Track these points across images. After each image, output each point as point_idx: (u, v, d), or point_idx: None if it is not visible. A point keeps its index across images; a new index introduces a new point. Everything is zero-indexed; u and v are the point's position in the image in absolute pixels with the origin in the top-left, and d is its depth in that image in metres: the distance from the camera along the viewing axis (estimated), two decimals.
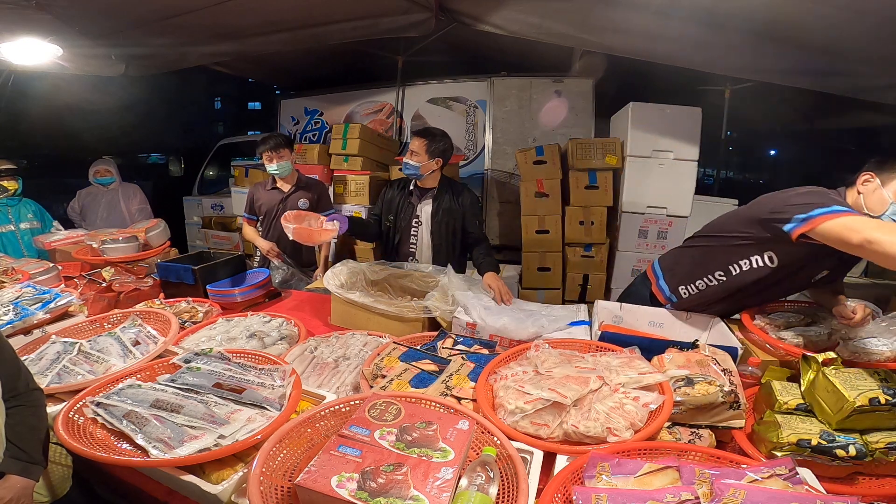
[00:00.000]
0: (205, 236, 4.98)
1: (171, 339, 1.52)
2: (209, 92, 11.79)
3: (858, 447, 1.00)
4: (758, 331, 1.52)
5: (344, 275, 1.97)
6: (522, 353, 1.35)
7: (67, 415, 1.10)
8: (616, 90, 4.21)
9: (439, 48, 4.11)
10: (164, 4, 2.63)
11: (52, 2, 2.42)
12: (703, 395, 1.10)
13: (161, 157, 8.80)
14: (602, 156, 3.39)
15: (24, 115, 5.19)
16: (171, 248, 2.68)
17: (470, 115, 4.46)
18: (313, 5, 2.76)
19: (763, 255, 1.52)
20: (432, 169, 2.23)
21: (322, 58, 4.37)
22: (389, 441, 0.91)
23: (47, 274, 2.15)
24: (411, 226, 2.34)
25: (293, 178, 2.81)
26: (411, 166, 2.20)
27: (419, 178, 2.25)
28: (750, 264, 1.54)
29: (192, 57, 3.33)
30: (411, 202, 2.33)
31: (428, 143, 2.18)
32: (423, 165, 2.19)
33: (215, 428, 1.04)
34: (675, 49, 2.41)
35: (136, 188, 3.72)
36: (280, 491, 0.86)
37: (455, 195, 2.29)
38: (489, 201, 4.38)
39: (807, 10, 1.90)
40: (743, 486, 0.82)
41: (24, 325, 1.58)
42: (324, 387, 1.34)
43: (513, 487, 0.88)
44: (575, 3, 2.32)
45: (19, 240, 2.95)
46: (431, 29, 2.81)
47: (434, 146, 2.19)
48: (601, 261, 3.58)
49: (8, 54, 2.69)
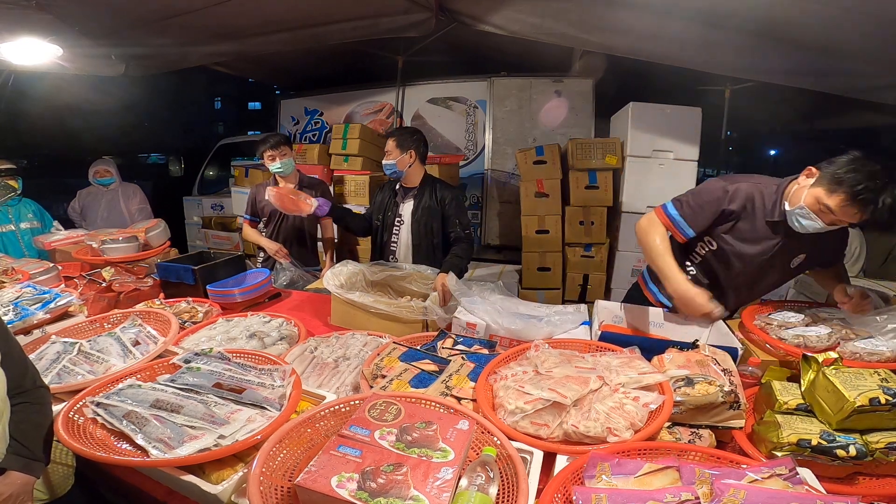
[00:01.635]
0: (205, 236, 4.99)
1: (171, 340, 1.52)
2: (209, 92, 11.81)
3: (858, 447, 1.00)
4: (758, 331, 1.52)
5: (344, 275, 1.98)
6: (522, 353, 1.34)
7: (67, 415, 1.10)
8: (616, 90, 4.21)
9: (439, 48, 4.11)
10: (164, 4, 2.64)
11: (52, 2, 2.42)
12: (703, 395, 1.10)
13: (161, 157, 8.81)
14: (602, 156, 3.40)
15: (24, 115, 5.19)
16: (171, 248, 2.68)
17: (470, 115, 4.46)
18: (313, 5, 2.77)
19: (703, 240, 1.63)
20: (408, 163, 2.26)
21: (322, 58, 4.37)
22: (389, 441, 0.91)
23: (47, 274, 2.15)
24: (394, 224, 2.38)
25: (295, 177, 2.81)
26: (388, 165, 2.26)
27: (400, 175, 2.29)
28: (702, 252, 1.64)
29: (192, 57, 3.33)
30: (395, 201, 2.38)
31: (397, 139, 2.24)
32: (399, 161, 2.24)
33: (215, 428, 1.04)
34: (675, 49, 2.41)
35: (137, 188, 3.72)
36: (280, 491, 0.86)
37: (436, 194, 2.31)
38: (489, 201, 4.38)
39: (807, 10, 1.90)
40: (743, 486, 0.82)
41: (24, 325, 1.59)
42: (324, 387, 1.34)
43: (513, 487, 0.88)
44: (575, 3, 2.32)
45: (19, 240, 2.95)
46: (431, 29, 2.81)
47: (403, 140, 2.24)
48: (601, 261, 3.58)
49: (8, 54, 2.69)
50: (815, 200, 1.36)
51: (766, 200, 1.50)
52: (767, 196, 1.50)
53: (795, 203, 1.41)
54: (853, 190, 1.28)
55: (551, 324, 1.62)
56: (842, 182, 1.30)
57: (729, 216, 1.53)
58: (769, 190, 1.50)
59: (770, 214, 1.49)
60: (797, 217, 1.41)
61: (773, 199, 1.49)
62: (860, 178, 1.27)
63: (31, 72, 3.22)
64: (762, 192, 1.51)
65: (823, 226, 1.37)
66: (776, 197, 1.48)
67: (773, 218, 1.49)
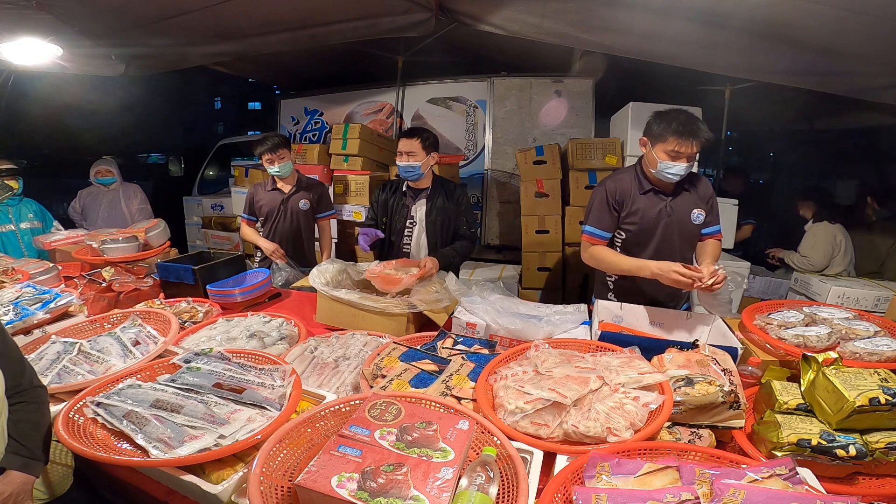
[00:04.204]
0: (205, 236, 4.99)
1: (171, 339, 1.52)
2: (209, 92, 11.78)
3: (858, 447, 1.00)
4: (758, 331, 1.52)
5: (330, 273, 1.98)
6: (522, 353, 1.35)
7: (67, 415, 1.10)
8: (616, 90, 4.21)
9: (439, 48, 4.11)
10: (164, 4, 2.64)
11: (52, 2, 2.42)
12: (703, 395, 1.10)
13: (161, 157, 8.79)
14: (602, 156, 3.39)
15: (24, 115, 5.19)
16: (171, 248, 2.68)
17: (470, 115, 4.46)
18: (313, 5, 2.76)
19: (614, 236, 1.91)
20: (430, 165, 2.25)
21: (322, 58, 4.37)
22: (389, 441, 0.91)
23: (47, 274, 2.15)
24: (405, 227, 2.35)
25: (294, 178, 2.81)
26: (411, 167, 2.21)
27: (419, 177, 2.26)
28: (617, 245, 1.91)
29: (192, 57, 3.33)
30: (405, 203, 2.34)
31: (422, 140, 2.20)
32: (423, 163, 2.20)
33: (215, 428, 1.04)
34: (675, 49, 2.42)
35: (137, 188, 3.73)
36: (280, 491, 0.86)
37: (448, 194, 2.30)
38: (489, 201, 4.38)
39: (807, 10, 1.90)
40: (743, 486, 0.82)
41: (24, 325, 1.59)
42: (324, 387, 1.34)
43: (513, 487, 0.88)
44: (575, 3, 2.32)
45: (20, 239, 2.95)
46: (431, 29, 2.81)
47: (427, 141, 2.22)
48: None
49: (8, 54, 2.69)
50: (664, 153, 1.71)
51: (632, 181, 1.86)
52: (630, 178, 1.87)
53: (655, 165, 1.75)
54: (675, 130, 1.67)
55: (551, 324, 1.62)
56: (664, 132, 1.69)
57: (618, 207, 1.86)
58: (629, 174, 1.88)
59: (641, 188, 1.84)
60: (665, 171, 1.74)
61: (636, 177, 1.86)
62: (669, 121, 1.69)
63: (31, 72, 3.22)
64: (626, 178, 1.88)
65: (685, 164, 1.71)
66: (636, 174, 1.86)
67: (644, 189, 1.84)
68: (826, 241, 3.31)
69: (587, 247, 1.91)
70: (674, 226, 1.83)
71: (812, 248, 3.34)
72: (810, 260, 3.32)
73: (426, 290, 1.83)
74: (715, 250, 1.87)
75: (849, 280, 2.99)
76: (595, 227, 1.88)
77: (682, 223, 1.84)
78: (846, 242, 3.33)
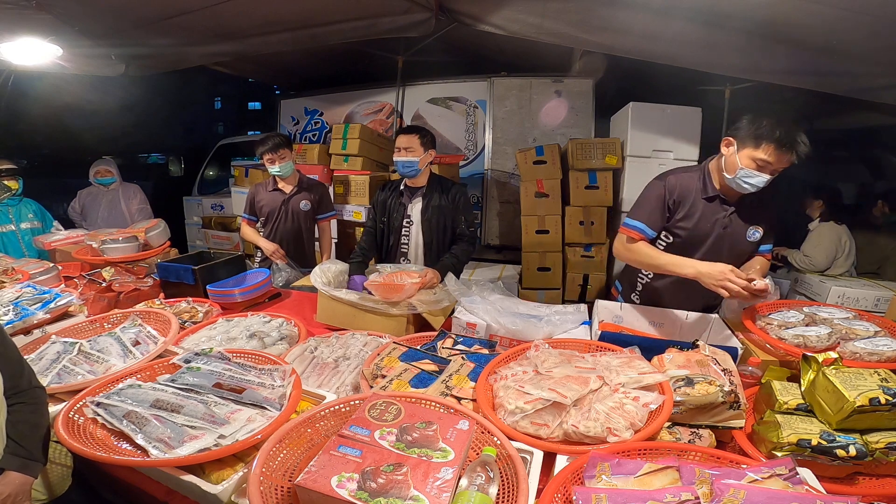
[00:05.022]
0: (205, 236, 4.99)
1: (171, 339, 1.52)
2: (209, 92, 11.78)
3: (858, 447, 1.00)
4: (758, 331, 1.52)
5: (331, 272, 1.98)
6: (522, 353, 1.34)
7: (67, 415, 1.10)
8: (616, 90, 4.21)
9: (439, 48, 4.11)
10: (164, 4, 2.63)
11: (52, 2, 2.42)
12: (703, 395, 1.10)
13: (161, 158, 8.79)
14: (602, 156, 3.40)
15: (24, 115, 5.19)
16: (171, 248, 2.68)
17: (470, 115, 4.46)
18: (313, 5, 2.76)
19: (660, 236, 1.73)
20: (427, 162, 2.24)
21: (322, 58, 4.37)
22: (389, 441, 0.91)
23: (47, 274, 2.15)
24: (402, 226, 2.34)
25: (294, 178, 2.81)
26: (408, 163, 2.19)
27: (416, 174, 2.25)
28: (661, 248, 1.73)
29: (192, 57, 3.33)
30: (402, 202, 2.33)
31: (420, 136, 2.20)
32: (421, 159, 2.19)
33: (215, 428, 1.04)
34: (675, 49, 2.41)
35: (137, 188, 3.72)
36: (280, 491, 0.86)
37: (445, 192, 2.28)
38: (489, 201, 4.38)
39: (806, 10, 1.90)
40: (743, 486, 0.82)
41: (24, 325, 1.59)
42: (324, 387, 1.34)
43: (513, 487, 0.88)
44: (575, 3, 2.31)
45: (20, 239, 2.95)
46: (431, 29, 2.81)
47: (425, 138, 2.21)
48: (601, 261, 3.58)
49: (8, 54, 2.69)
50: (751, 160, 1.51)
51: (696, 183, 1.68)
52: (696, 179, 1.68)
53: (734, 170, 1.55)
54: (775, 138, 1.45)
55: (551, 323, 1.62)
56: (763, 136, 1.47)
57: (673, 207, 1.69)
58: (695, 175, 1.69)
59: (704, 192, 1.66)
60: (743, 179, 1.53)
61: (702, 179, 1.67)
62: (774, 126, 1.46)
63: (31, 72, 3.21)
64: (690, 177, 1.69)
65: (768, 177, 1.51)
66: (703, 175, 1.67)
67: (708, 194, 1.65)
68: (830, 242, 3.31)
69: (628, 241, 1.73)
70: (726, 239, 1.67)
71: (815, 248, 3.34)
72: (812, 260, 3.32)
73: (426, 291, 1.84)
74: (763, 268, 1.71)
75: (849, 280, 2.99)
76: (644, 223, 1.69)
77: (736, 238, 1.68)
78: (850, 244, 3.33)
